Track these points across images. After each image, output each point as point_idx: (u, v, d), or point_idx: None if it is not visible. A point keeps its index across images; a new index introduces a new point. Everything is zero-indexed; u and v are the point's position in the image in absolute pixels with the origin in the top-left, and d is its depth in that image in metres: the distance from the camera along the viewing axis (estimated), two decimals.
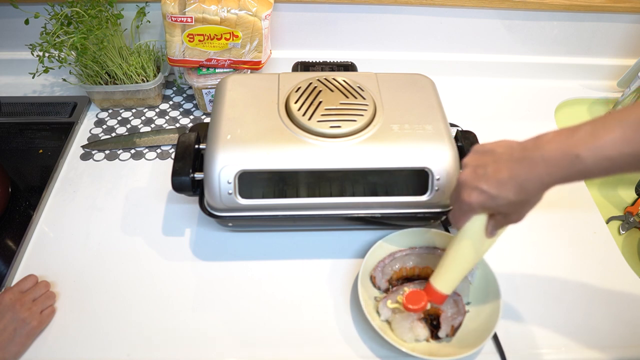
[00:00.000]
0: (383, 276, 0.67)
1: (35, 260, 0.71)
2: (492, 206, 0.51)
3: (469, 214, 0.55)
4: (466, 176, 0.52)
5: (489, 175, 0.49)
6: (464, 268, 0.59)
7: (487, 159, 0.51)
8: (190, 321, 0.65)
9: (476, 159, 0.52)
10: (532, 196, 0.49)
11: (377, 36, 1.01)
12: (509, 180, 0.48)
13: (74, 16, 0.83)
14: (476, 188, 0.50)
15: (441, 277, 0.60)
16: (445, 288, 0.59)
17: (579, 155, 0.44)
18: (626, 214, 0.89)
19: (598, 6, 0.95)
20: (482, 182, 0.50)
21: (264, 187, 0.73)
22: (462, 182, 0.53)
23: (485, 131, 0.79)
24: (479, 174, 0.50)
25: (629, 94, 0.96)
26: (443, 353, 0.59)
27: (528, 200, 0.50)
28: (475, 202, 0.51)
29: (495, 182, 0.49)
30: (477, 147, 0.54)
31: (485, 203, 0.51)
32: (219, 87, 0.73)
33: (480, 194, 0.50)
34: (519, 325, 0.65)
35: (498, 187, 0.49)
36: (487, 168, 0.50)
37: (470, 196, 0.51)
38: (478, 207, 0.52)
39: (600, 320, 0.66)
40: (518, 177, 0.48)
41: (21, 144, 0.89)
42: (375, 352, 0.62)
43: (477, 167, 0.51)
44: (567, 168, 0.45)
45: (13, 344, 0.59)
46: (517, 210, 0.52)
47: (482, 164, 0.51)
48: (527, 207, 0.51)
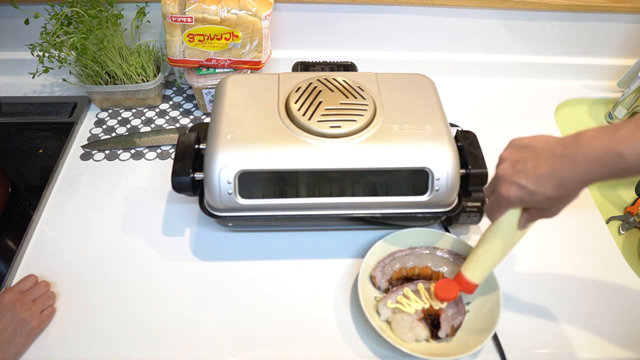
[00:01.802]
0: (383, 276, 0.67)
1: (35, 260, 0.71)
2: (530, 201, 0.51)
3: (505, 208, 0.55)
4: (504, 170, 0.52)
5: (528, 170, 0.50)
6: (496, 259, 0.60)
7: (526, 153, 0.51)
8: (190, 321, 0.65)
9: (514, 154, 0.52)
10: (571, 192, 0.49)
11: (377, 36, 1.01)
12: (548, 176, 0.48)
13: (74, 16, 0.83)
14: (515, 183, 0.51)
15: (473, 267, 0.61)
16: (476, 278, 0.60)
17: (622, 153, 0.44)
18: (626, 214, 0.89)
19: (598, 6, 0.95)
20: (521, 177, 0.50)
21: (264, 187, 0.73)
22: (500, 176, 0.53)
23: (485, 131, 0.79)
24: (518, 168, 0.51)
25: (629, 94, 0.96)
26: (443, 353, 0.59)
27: (566, 196, 0.50)
28: (514, 196, 0.51)
29: (535, 177, 0.49)
30: (515, 141, 0.54)
31: (524, 198, 0.51)
32: (219, 87, 0.73)
33: (518, 189, 0.51)
34: (519, 325, 0.65)
35: (537, 183, 0.49)
36: (527, 163, 0.50)
37: (508, 190, 0.51)
38: (516, 201, 0.52)
39: (600, 320, 0.66)
40: (558, 173, 0.48)
41: (21, 144, 0.89)
42: (375, 352, 0.62)
43: (515, 161, 0.51)
44: (610, 166, 0.45)
45: (13, 344, 0.59)
46: (554, 205, 0.52)
47: (521, 159, 0.51)
48: (564, 202, 0.52)
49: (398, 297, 0.64)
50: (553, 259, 0.74)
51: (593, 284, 0.71)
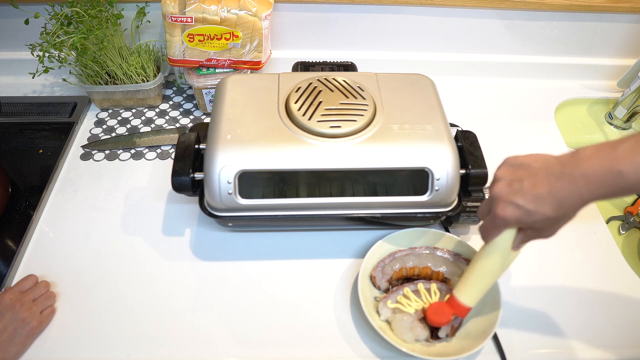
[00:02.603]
0: (383, 276, 0.67)
1: (35, 260, 0.71)
2: (527, 222, 0.50)
3: (501, 229, 0.53)
4: (500, 190, 0.51)
5: (525, 189, 0.48)
6: (490, 281, 0.59)
7: (522, 172, 0.50)
8: (190, 321, 0.65)
9: (510, 173, 0.51)
10: (570, 212, 0.48)
11: (377, 36, 1.01)
12: (547, 196, 0.47)
13: (74, 16, 0.83)
14: (511, 203, 0.49)
15: (466, 290, 0.59)
16: (470, 301, 0.59)
17: (622, 172, 0.43)
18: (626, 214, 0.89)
19: (598, 6, 0.95)
20: (518, 197, 0.49)
21: (264, 187, 0.73)
22: (496, 196, 0.51)
23: (485, 131, 0.79)
24: (515, 188, 0.49)
25: (629, 94, 0.96)
26: (443, 353, 0.59)
27: (565, 215, 0.49)
28: (511, 217, 0.50)
29: (532, 197, 0.48)
30: (510, 160, 0.53)
31: (521, 218, 0.49)
32: (219, 87, 0.73)
33: (515, 209, 0.49)
34: (519, 325, 0.65)
35: (535, 203, 0.48)
36: (523, 182, 0.49)
37: (504, 211, 0.50)
38: (513, 222, 0.51)
39: (600, 320, 0.66)
40: (557, 193, 0.46)
41: (21, 144, 0.89)
42: (375, 352, 0.62)
43: (512, 180, 0.50)
44: (610, 185, 0.44)
45: (13, 344, 0.59)
46: (552, 225, 0.51)
47: (517, 178, 0.50)
48: (562, 223, 0.50)
49: (398, 297, 0.64)
50: (553, 259, 0.74)
51: (593, 284, 0.71)
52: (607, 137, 1.03)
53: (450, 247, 0.70)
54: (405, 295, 0.64)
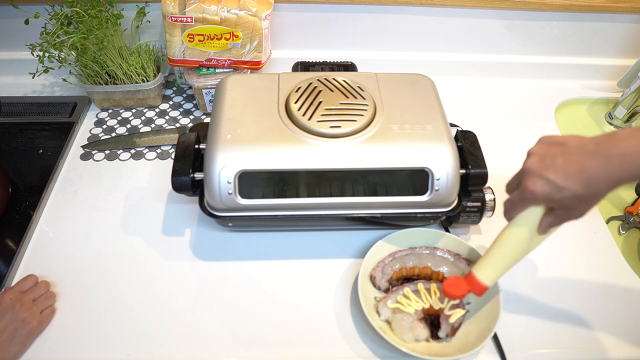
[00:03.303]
0: (383, 276, 0.67)
1: (35, 260, 0.71)
2: (556, 198, 0.49)
3: (528, 204, 0.53)
4: (532, 164, 0.51)
5: (558, 166, 0.48)
6: (510, 262, 0.57)
7: (556, 149, 0.50)
8: (190, 321, 0.65)
9: (544, 149, 0.51)
10: (600, 192, 0.48)
11: (377, 36, 1.01)
12: (578, 173, 0.47)
13: (74, 16, 0.83)
14: (542, 177, 0.49)
15: (485, 269, 0.58)
16: (488, 280, 0.58)
17: None
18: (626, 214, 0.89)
19: (598, 6, 0.95)
20: (549, 172, 0.49)
21: (264, 187, 0.73)
22: (527, 169, 0.51)
23: (485, 131, 0.79)
24: (547, 163, 0.49)
25: (629, 94, 0.96)
26: (443, 353, 0.59)
27: (595, 195, 0.49)
28: (540, 191, 0.49)
29: (564, 173, 0.48)
30: (545, 138, 0.53)
31: (550, 194, 0.49)
32: (219, 87, 0.73)
33: (546, 184, 0.49)
34: (519, 325, 0.65)
35: (566, 179, 0.48)
36: (556, 159, 0.49)
37: (535, 185, 0.50)
38: (542, 197, 0.50)
39: (600, 320, 0.66)
40: (589, 171, 0.47)
41: (21, 144, 0.89)
42: (375, 352, 0.62)
43: (545, 156, 0.50)
44: None
45: (13, 344, 0.59)
46: (581, 205, 0.50)
47: (550, 154, 0.50)
48: (592, 203, 0.50)
49: (398, 297, 0.64)
50: (553, 258, 0.74)
51: (593, 284, 0.71)
52: None
53: (450, 247, 0.70)
54: (405, 295, 0.64)
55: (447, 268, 0.68)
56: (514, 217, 0.55)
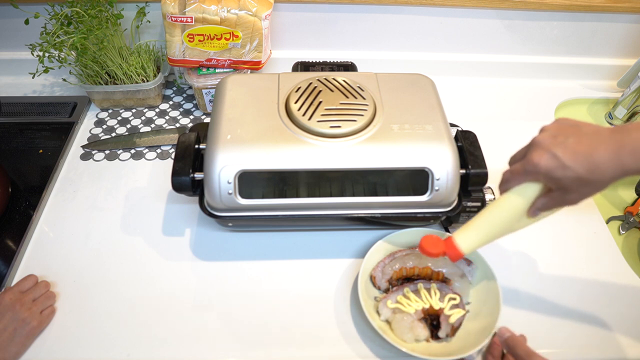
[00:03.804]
0: (383, 276, 0.67)
1: (35, 260, 0.71)
2: (557, 176, 0.49)
3: (529, 176, 0.52)
4: (543, 139, 0.51)
5: (569, 144, 0.48)
6: (492, 234, 0.57)
7: (571, 130, 0.50)
8: (191, 321, 0.65)
9: (558, 127, 0.51)
10: (604, 178, 0.48)
11: (377, 36, 1.01)
12: (587, 155, 0.47)
13: (74, 16, 0.83)
14: (550, 152, 0.49)
15: (465, 234, 0.57)
16: (465, 246, 0.57)
17: None
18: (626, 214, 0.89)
19: (598, 6, 0.95)
20: (558, 148, 0.48)
21: (264, 187, 0.73)
22: (537, 142, 0.51)
23: (485, 131, 0.79)
24: (558, 140, 0.49)
25: (629, 94, 0.96)
26: (443, 353, 0.59)
27: (597, 181, 0.48)
28: (544, 165, 0.49)
29: (572, 152, 0.48)
30: (562, 119, 0.53)
31: (553, 170, 0.49)
32: (219, 87, 0.73)
33: (551, 159, 0.49)
34: (519, 325, 0.65)
35: (573, 158, 0.47)
36: (569, 138, 0.49)
37: (541, 158, 0.49)
38: (544, 171, 0.50)
39: (600, 320, 0.66)
40: (598, 156, 0.47)
41: (21, 144, 0.89)
42: (375, 352, 0.62)
43: (558, 133, 0.50)
44: None
45: (13, 344, 0.59)
46: (580, 189, 0.50)
47: (564, 132, 0.50)
48: (592, 189, 0.50)
49: (398, 297, 0.64)
50: (553, 258, 0.74)
51: (593, 284, 0.71)
52: None
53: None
54: (405, 295, 0.64)
55: (447, 268, 0.68)
56: (509, 188, 0.55)
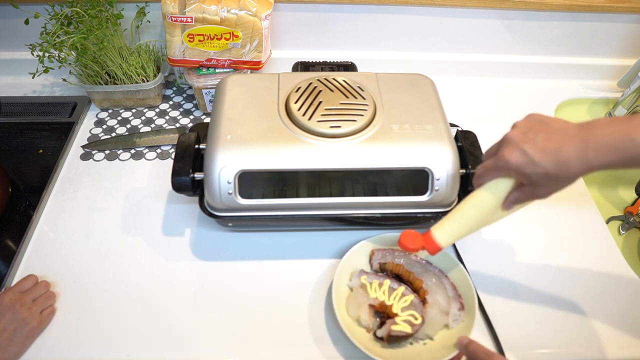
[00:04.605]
0: (381, 258, 0.67)
1: (35, 260, 0.71)
2: (527, 172, 0.51)
3: (500, 172, 0.54)
4: (514, 135, 0.52)
5: (538, 141, 0.50)
6: (468, 228, 0.59)
7: (540, 126, 0.51)
8: (191, 321, 0.65)
9: (529, 124, 0.53)
10: (571, 174, 0.49)
11: (377, 36, 1.01)
12: (554, 152, 0.49)
13: (74, 16, 0.83)
14: (520, 148, 0.51)
15: (442, 228, 0.59)
16: (442, 239, 0.59)
17: (634, 139, 0.45)
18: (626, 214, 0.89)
19: (598, 6, 0.95)
20: (528, 145, 0.50)
21: (264, 187, 0.73)
22: (508, 139, 0.53)
23: (485, 131, 0.79)
24: (529, 137, 0.51)
25: (629, 94, 0.96)
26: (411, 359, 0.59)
27: (564, 176, 0.50)
28: (514, 161, 0.51)
29: (541, 149, 0.49)
30: (533, 115, 0.54)
31: (523, 166, 0.51)
32: (219, 87, 0.73)
33: (521, 155, 0.50)
34: (519, 325, 0.65)
35: (542, 155, 0.49)
36: (538, 134, 0.50)
37: (511, 154, 0.51)
38: (514, 167, 0.51)
39: (600, 320, 0.66)
40: (565, 152, 0.48)
41: (21, 144, 0.89)
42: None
43: (528, 130, 0.52)
44: (620, 151, 0.46)
45: (13, 344, 0.59)
46: (549, 184, 0.52)
47: (534, 129, 0.51)
48: (560, 184, 0.51)
49: (375, 280, 0.64)
50: (553, 258, 0.74)
51: (593, 284, 0.71)
52: None
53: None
54: (381, 284, 0.64)
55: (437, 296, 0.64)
56: (483, 183, 0.57)
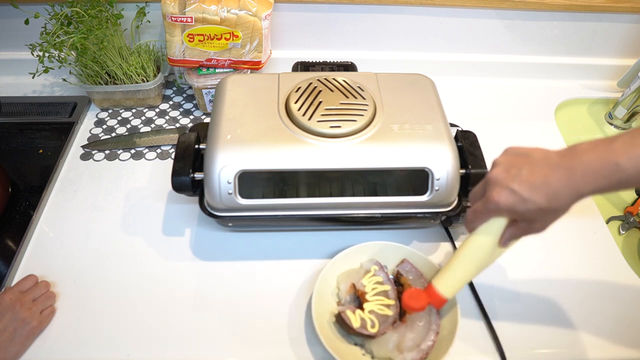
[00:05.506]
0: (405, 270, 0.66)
1: (35, 260, 0.71)
2: (520, 210, 0.49)
3: (492, 215, 0.52)
4: (498, 174, 0.50)
5: (523, 177, 0.48)
6: (470, 274, 0.57)
7: (521, 160, 0.50)
8: (191, 321, 0.65)
9: (509, 160, 0.51)
10: (563, 205, 0.48)
11: (377, 36, 1.01)
12: (542, 185, 0.47)
13: (74, 16, 0.83)
14: (507, 188, 0.49)
15: (445, 280, 0.58)
16: (447, 291, 0.58)
17: (619, 164, 0.44)
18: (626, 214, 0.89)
19: (598, 6, 0.95)
20: (514, 183, 0.48)
21: (264, 187, 0.73)
22: (492, 179, 0.51)
23: (485, 131, 0.79)
24: (512, 174, 0.49)
25: (629, 94, 0.96)
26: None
27: (558, 208, 0.48)
28: (504, 202, 0.49)
29: (529, 185, 0.47)
30: (511, 149, 0.52)
31: (514, 205, 0.49)
32: (219, 87, 0.73)
33: (510, 195, 0.48)
34: (519, 325, 0.65)
35: (531, 191, 0.47)
36: (522, 170, 0.49)
37: (500, 195, 0.49)
38: (505, 208, 0.49)
39: (600, 320, 0.66)
40: (553, 184, 0.46)
41: (21, 144, 0.89)
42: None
43: (510, 167, 0.50)
44: (607, 177, 0.45)
45: (13, 344, 0.59)
46: (544, 218, 0.50)
47: (516, 165, 0.49)
48: (555, 216, 0.50)
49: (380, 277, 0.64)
50: (553, 258, 0.74)
51: (593, 284, 0.71)
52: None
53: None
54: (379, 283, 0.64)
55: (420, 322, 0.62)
56: (476, 227, 0.55)
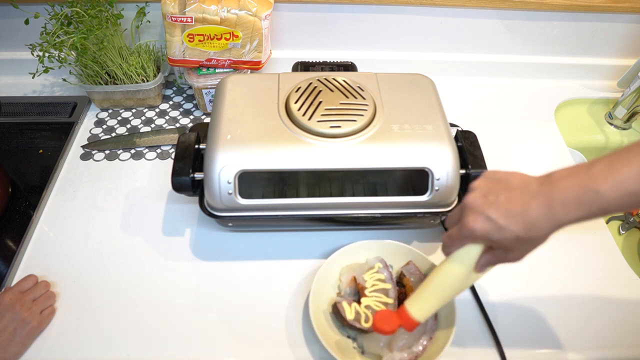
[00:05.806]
0: (408, 271, 0.66)
1: (35, 260, 0.71)
2: (496, 238, 0.47)
3: (467, 241, 0.51)
4: (474, 200, 0.48)
5: (500, 203, 0.46)
6: (444, 299, 0.55)
7: (499, 186, 0.48)
8: (191, 321, 0.65)
9: (487, 185, 0.49)
10: (541, 234, 0.46)
11: (377, 36, 1.01)
12: (520, 214, 0.45)
13: (74, 16, 0.83)
14: (483, 214, 0.47)
15: (418, 304, 0.56)
16: (419, 315, 0.55)
17: (599, 191, 0.42)
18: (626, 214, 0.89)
19: (598, 6, 0.95)
20: (491, 210, 0.46)
21: (264, 187, 0.73)
22: (469, 205, 0.49)
23: (485, 131, 0.79)
24: (490, 200, 0.47)
25: (629, 94, 0.96)
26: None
27: (535, 238, 0.46)
28: (480, 229, 0.47)
29: (506, 212, 0.46)
30: (489, 173, 0.51)
31: (490, 233, 0.47)
32: (219, 87, 0.73)
33: (486, 222, 0.46)
34: (519, 325, 0.65)
35: (508, 218, 0.45)
36: (499, 196, 0.46)
37: (475, 221, 0.47)
38: (481, 235, 0.47)
39: (600, 320, 0.66)
40: (531, 212, 0.45)
41: (21, 144, 0.89)
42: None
43: (488, 192, 0.48)
44: (587, 204, 0.43)
45: (13, 344, 0.59)
46: (521, 247, 0.48)
47: (494, 191, 0.47)
48: (532, 246, 0.48)
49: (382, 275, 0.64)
50: (553, 258, 0.74)
51: (593, 284, 0.71)
52: (607, 137, 1.03)
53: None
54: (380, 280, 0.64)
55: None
56: (452, 252, 0.53)
